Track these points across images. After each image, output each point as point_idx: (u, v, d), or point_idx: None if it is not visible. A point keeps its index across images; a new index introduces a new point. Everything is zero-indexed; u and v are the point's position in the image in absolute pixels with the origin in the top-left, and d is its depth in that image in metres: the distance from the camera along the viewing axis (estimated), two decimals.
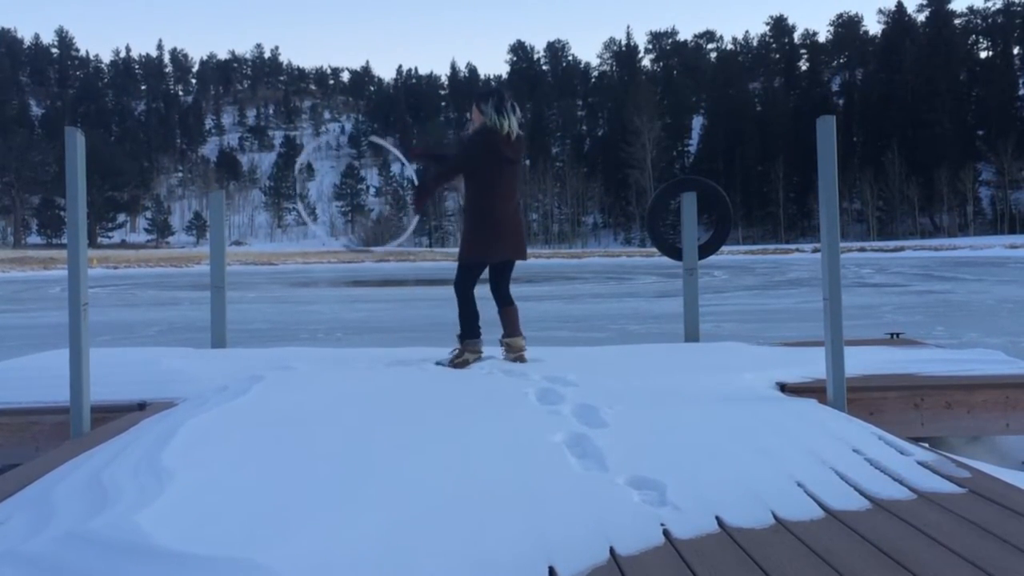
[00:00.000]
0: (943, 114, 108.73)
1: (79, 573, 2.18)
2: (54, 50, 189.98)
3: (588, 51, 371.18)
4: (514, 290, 6.31)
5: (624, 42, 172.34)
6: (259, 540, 2.32)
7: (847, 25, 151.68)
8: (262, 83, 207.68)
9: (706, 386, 4.85)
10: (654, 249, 9.62)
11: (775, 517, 2.71)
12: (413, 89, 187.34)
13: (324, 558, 2.23)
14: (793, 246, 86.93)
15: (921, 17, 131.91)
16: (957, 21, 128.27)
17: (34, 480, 3.17)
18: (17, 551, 2.35)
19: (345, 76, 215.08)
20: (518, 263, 6.22)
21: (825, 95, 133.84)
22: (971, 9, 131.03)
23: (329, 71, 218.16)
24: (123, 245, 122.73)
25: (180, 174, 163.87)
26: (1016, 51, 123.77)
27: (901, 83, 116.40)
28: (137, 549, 2.25)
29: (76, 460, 3.40)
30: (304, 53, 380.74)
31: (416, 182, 6.38)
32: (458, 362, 5.90)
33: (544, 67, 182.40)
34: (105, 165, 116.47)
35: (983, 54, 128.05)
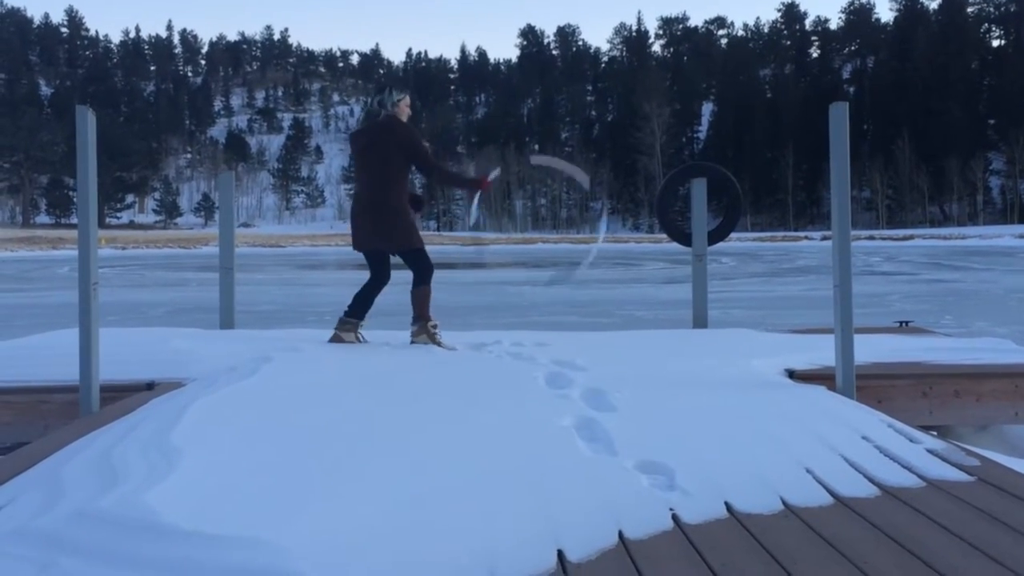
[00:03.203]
0: (954, 103, 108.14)
1: (89, 551, 2.19)
2: (64, 30, 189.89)
3: (598, 36, 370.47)
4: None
5: (634, 27, 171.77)
6: (267, 518, 2.32)
7: (859, 12, 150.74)
8: (271, 65, 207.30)
9: (714, 372, 4.85)
10: (662, 235, 9.62)
11: (784, 503, 2.70)
12: (423, 72, 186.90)
13: (332, 536, 2.23)
14: (802, 233, 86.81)
15: (933, 5, 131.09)
16: (970, 9, 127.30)
17: (43, 458, 3.18)
18: (27, 528, 2.36)
19: (355, 59, 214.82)
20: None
21: (836, 82, 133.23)
22: None
23: (339, 53, 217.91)
24: (131, 226, 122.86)
25: (189, 155, 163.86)
26: None
27: (912, 71, 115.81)
28: (147, 527, 2.26)
29: (85, 439, 3.41)
30: (314, 35, 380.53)
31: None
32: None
33: (554, 52, 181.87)
34: (114, 146, 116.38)
35: (995, 42, 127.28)
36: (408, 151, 5.92)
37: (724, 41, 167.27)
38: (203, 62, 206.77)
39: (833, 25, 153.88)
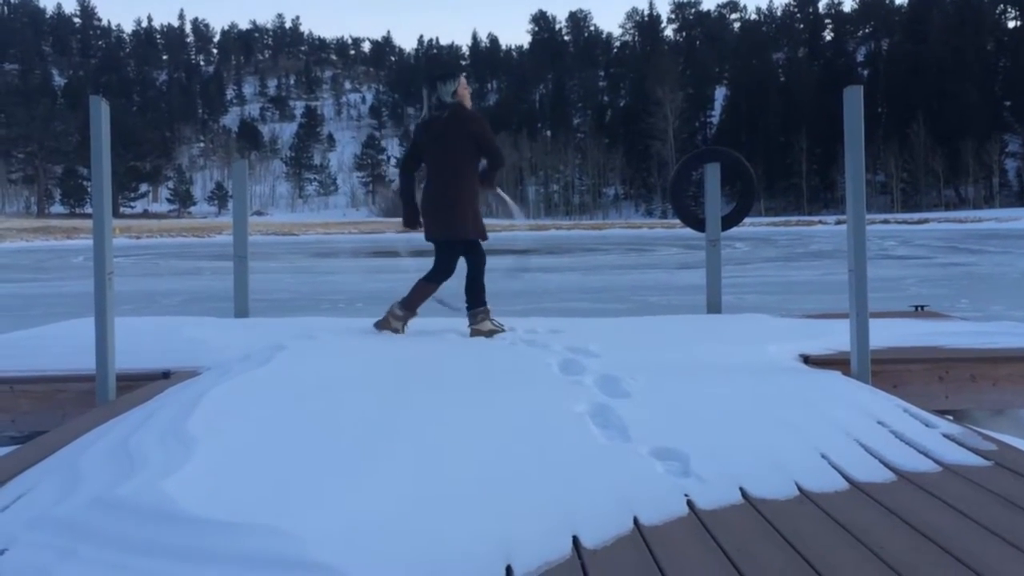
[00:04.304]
0: (970, 85, 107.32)
1: (107, 538, 2.20)
2: (76, 20, 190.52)
3: (610, 21, 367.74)
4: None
5: (647, 12, 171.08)
6: (284, 507, 2.34)
7: None
8: (283, 53, 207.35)
9: (729, 357, 4.83)
10: (675, 221, 9.62)
11: (799, 488, 2.70)
12: (434, 59, 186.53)
13: (348, 525, 2.24)
14: (816, 218, 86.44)
15: None
16: None
17: (61, 447, 3.20)
18: (46, 516, 2.38)
19: (366, 46, 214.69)
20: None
21: (850, 65, 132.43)
22: None
23: (350, 41, 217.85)
24: (145, 215, 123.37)
25: (201, 144, 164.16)
26: None
27: (927, 53, 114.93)
28: (164, 515, 2.27)
29: (102, 427, 3.43)
30: (325, 23, 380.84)
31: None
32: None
33: (566, 37, 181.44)
34: (127, 135, 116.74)
35: (1011, 23, 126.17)
36: (480, 142, 5.95)
37: (737, 25, 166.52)
38: (215, 51, 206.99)
39: (847, 7, 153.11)
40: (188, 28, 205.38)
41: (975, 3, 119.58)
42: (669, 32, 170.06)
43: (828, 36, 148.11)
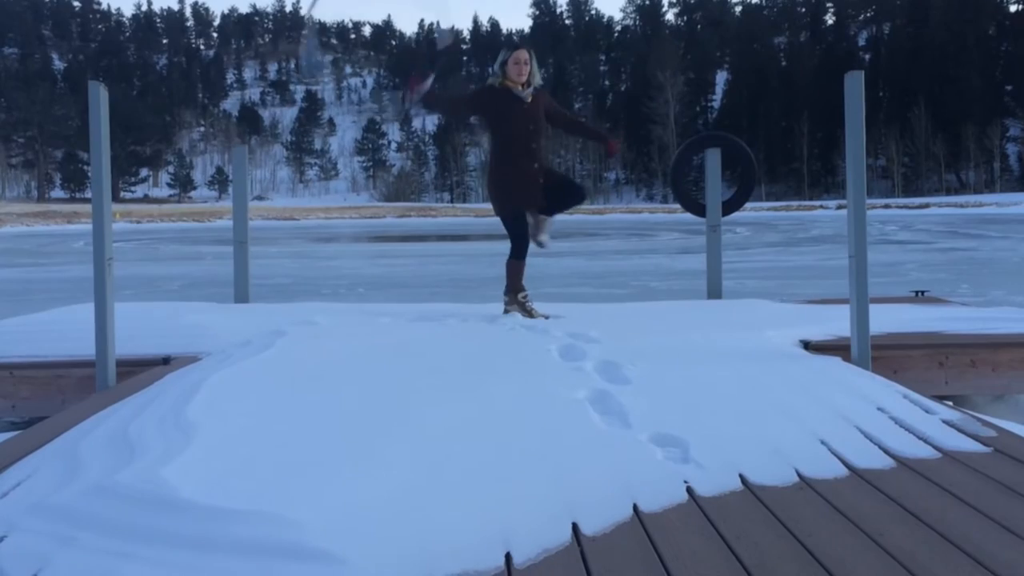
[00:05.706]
0: (971, 69, 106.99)
1: (106, 525, 2.20)
2: (76, 3, 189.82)
3: (611, 5, 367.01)
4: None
5: None
6: (285, 494, 2.33)
7: None
8: (283, 37, 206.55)
9: (729, 343, 4.83)
10: (676, 205, 9.61)
11: (799, 475, 2.70)
12: (435, 43, 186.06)
13: (349, 512, 2.24)
14: (817, 203, 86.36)
15: None
16: None
17: (61, 433, 3.20)
18: (45, 503, 2.38)
19: (367, 30, 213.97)
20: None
21: (851, 50, 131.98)
22: None
23: (351, 25, 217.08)
24: (145, 200, 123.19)
25: (202, 129, 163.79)
26: None
27: (929, 37, 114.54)
28: (164, 502, 2.27)
29: (102, 414, 3.43)
30: (325, 7, 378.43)
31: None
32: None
33: (567, 21, 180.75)
34: (127, 119, 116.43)
35: (1012, 8, 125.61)
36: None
37: (738, 9, 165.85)
38: (215, 35, 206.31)
39: None
40: (188, 12, 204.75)
41: None
42: (670, 16, 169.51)
43: (830, 20, 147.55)
